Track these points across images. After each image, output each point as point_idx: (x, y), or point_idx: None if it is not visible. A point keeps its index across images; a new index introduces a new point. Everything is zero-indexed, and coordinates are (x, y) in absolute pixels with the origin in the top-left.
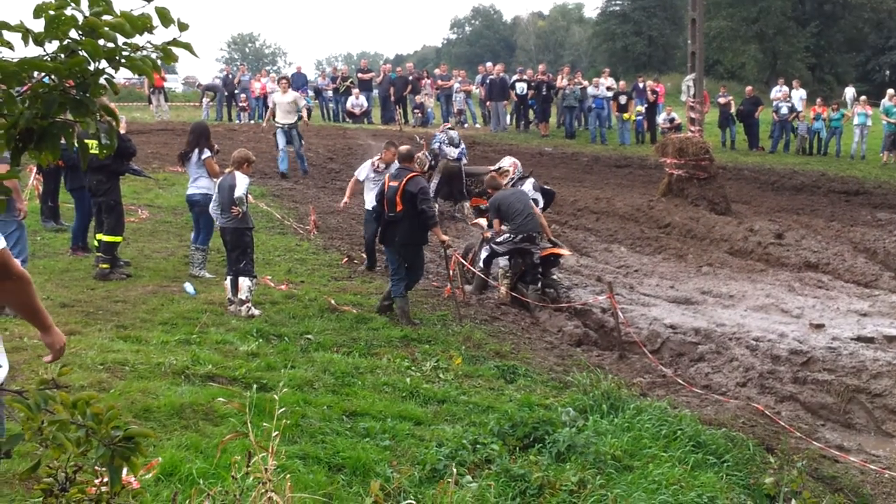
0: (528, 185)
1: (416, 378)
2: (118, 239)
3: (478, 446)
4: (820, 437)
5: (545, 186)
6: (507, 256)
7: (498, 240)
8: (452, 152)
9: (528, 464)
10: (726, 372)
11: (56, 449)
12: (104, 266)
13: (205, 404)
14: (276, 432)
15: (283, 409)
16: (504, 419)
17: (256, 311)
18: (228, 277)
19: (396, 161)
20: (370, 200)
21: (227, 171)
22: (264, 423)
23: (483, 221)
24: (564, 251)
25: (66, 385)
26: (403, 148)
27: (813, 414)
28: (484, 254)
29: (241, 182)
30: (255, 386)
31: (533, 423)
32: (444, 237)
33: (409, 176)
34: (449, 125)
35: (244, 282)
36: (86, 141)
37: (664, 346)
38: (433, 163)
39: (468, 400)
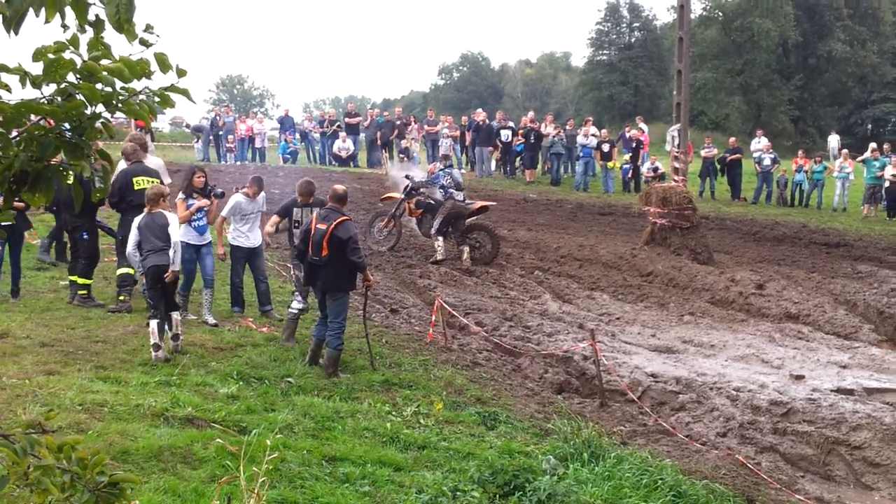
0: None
1: (397, 423)
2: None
3: (458, 493)
4: (800, 489)
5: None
6: None
7: None
8: (459, 195)
9: None
10: (707, 422)
11: (40, 494)
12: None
13: (183, 447)
14: (264, 477)
15: (274, 455)
16: (484, 466)
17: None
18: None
19: (325, 200)
20: (234, 237)
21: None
22: (253, 468)
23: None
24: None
25: (52, 429)
26: (339, 187)
27: (793, 465)
28: None
29: (174, 220)
30: (254, 431)
31: (513, 470)
32: (371, 278)
33: (338, 220)
34: (440, 165)
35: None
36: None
37: (645, 394)
38: (430, 203)
39: (449, 446)
